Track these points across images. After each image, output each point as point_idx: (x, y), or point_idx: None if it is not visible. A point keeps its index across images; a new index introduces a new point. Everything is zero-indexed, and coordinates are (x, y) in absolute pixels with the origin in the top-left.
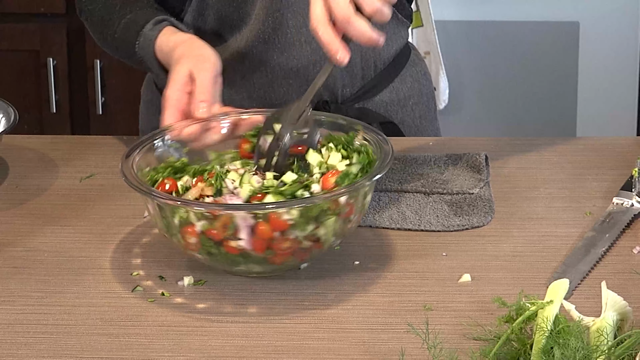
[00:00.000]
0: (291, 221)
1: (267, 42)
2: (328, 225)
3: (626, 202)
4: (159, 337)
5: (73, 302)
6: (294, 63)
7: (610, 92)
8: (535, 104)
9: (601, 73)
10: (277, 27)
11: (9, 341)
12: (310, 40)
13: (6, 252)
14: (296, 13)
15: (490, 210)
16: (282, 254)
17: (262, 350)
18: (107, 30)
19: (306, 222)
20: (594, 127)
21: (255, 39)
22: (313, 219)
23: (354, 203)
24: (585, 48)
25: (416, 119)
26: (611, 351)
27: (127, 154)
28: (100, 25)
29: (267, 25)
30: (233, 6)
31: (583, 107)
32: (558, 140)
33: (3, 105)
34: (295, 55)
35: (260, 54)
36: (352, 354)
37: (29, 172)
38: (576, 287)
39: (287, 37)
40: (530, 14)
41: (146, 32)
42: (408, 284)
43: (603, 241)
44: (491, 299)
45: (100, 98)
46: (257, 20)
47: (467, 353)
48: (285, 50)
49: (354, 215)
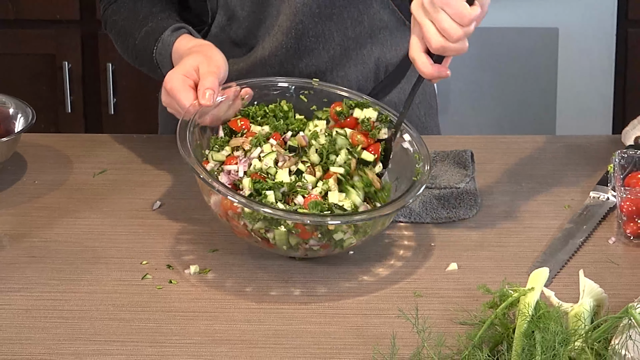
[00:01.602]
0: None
1: (288, 50)
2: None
3: (602, 196)
4: (167, 321)
5: (87, 289)
6: (313, 69)
7: (587, 94)
8: (518, 104)
9: (579, 76)
10: (299, 37)
11: (27, 325)
12: (328, 46)
13: (24, 243)
14: (317, 23)
15: (476, 204)
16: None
17: (263, 333)
18: (129, 39)
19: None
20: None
21: (278, 47)
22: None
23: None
24: (564, 52)
25: (421, 117)
26: (588, 335)
27: (180, 138)
28: (123, 35)
29: (290, 35)
30: (259, 19)
31: (562, 107)
32: (539, 139)
33: (21, 106)
34: (314, 62)
35: (282, 61)
36: (347, 338)
37: (46, 168)
38: (556, 275)
39: (307, 45)
40: (513, 21)
41: (165, 37)
42: (399, 272)
43: (581, 232)
44: (476, 286)
45: (112, 99)
46: (280, 30)
47: (454, 336)
48: (304, 57)
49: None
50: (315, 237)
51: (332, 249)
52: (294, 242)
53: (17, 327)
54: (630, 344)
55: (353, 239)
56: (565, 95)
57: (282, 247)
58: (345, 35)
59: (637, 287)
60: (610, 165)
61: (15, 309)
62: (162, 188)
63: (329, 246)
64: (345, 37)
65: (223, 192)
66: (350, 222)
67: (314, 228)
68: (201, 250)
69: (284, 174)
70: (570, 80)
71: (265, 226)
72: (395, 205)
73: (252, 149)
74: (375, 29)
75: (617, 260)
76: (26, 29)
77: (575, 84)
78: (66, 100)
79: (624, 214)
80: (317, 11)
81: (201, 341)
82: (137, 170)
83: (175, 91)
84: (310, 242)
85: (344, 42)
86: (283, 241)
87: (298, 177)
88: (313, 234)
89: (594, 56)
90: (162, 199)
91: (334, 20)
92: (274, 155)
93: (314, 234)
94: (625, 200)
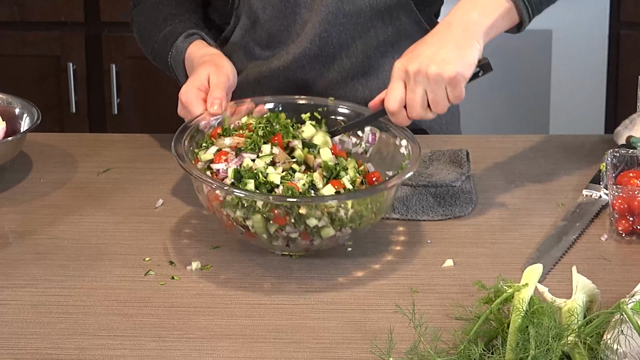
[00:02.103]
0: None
1: (312, 57)
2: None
3: (595, 194)
4: (169, 316)
5: (91, 285)
6: (334, 75)
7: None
8: (512, 104)
9: (572, 76)
10: (322, 45)
11: (32, 320)
12: (351, 54)
13: (30, 240)
14: (341, 32)
15: (471, 201)
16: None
17: (263, 328)
18: (149, 41)
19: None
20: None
21: (302, 54)
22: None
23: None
24: (557, 54)
25: (442, 125)
26: (581, 330)
27: (175, 139)
28: (145, 35)
29: (314, 43)
30: (283, 25)
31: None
32: (533, 138)
33: (27, 106)
34: (336, 68)
35: (304, 67)
36: (345, 332)
37: (51, 166)
38: (549, 271)
39: (330, 53)
40: None
41: (178, 44)
42: (396, 269)
43: (574, 230)
44: (472, 282)
45: (116, 99)
46: (305, 38)
47: (450, 331)
48: (327, 64)
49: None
50: (289, 222)
51: (312, 240)
52: (272, 229)
53: (23, 322)
54: (622, 338)
55: (330, 229)
56: (558, 95)
57: (262, 236)
58: (368, 45)
59: (629, 283)
60: (602, 164)
61: (21, 304)
62: (164, 187)
63: (307, 236)
64: (368, 47)
65: (198, 177)
66: (309, 203)
67: (285, 212)
68: (203, 247)
69: (275, 177)
70: (563, 81)
71: (244, 214)
72: (362, 193)
73: (246, 149)
74: (398, 39)
75: (609, 256)
76: (32, 31)
77: (569, 84)
78: (71, 100)
79: (616, 212)
80: (343, 21)
81: (202, 336)
82: (140, 169)
83: (189, 103)
84: (287, 229)
85: (366, 50)
86: (261, 228)
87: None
88: (286, 219)
89: (586, 57)
90: (165, 197)
91: (359, 30)
92: (270, 158)
93: (287, 219)
94: (617, 198)
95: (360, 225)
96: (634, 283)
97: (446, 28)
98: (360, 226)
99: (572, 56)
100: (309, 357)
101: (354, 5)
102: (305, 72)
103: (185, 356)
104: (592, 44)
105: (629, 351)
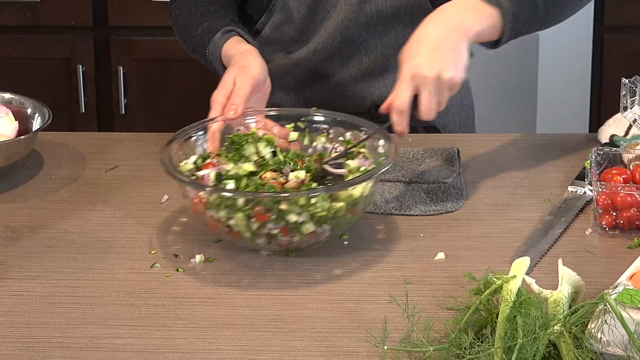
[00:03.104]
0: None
1: (331, 52)
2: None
3: (579, 190)
4: (174, 307)
5: (99, 277)
6: (353, 71)
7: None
8: (501, 105)
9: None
10: (342, 41)
11: (43, 310)
12: (370, 52)
13: (41, 234)
14: (360, 30)
15: (462, 197)
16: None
17: (263, 318)
18: (187, 35)
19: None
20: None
21: (321, 49)
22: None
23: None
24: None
25: (456, 126)
26: (567, 319)
27: (166, 143)
28: (183, 30)
29: (335, 39)
30: (313, 22)
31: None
32: (521, 137)
33: (38, 106)
34: (355, 65)
35: (323, 61)
36: (342, 322)
37: (61, 164)
38: (536, 264)
39: (349, 51)
40: None
41: (216, 39)
42: (390, 261)
43: (559, 224)
44: (462, 274)
45: (123, 100)
46: (327, 33)
47: (442, 321)
48: (346, 61)
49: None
50: (271, 219)
51: (293, 236)
52: (255, 227)
53: (35, 312)
54: (605, 327)
55: (310, 224)
56: (545, 96)
57: (245, 235)
58: (387, 45)
59: (612, 275)
60: (587, 162)
61: (33, 295)
62: (169, 183)
63: (288, 232)
64: (387, 47)
65: (178, 178)
66: (282, 198)
67: (266, 209)
68: (206, 240)
69: (250, 166)
70: (550, 82)
71: (227, 213)
72: (332, 188)
73: (228, 164)
74: None
75: (593, 250)
76: (43, 35)
77: (555, 85)
78: (80, 101)
79: (600, 207)
80: (363, 20)
81: (206, 325)
82: (146, 167)
83: (211, 109)
84: (268, 226)
85: (386, 51)
86: (244, 226)
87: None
88: (267, 215)
89: (572, 60)
90: (170, 193)
91: (379, 31)
92: (252, 167)
93: (268, 215)
94: (601, 194)
95: (338, 221)
96: (617, 275)
97: (443, 24)
98: (338, 222)
99: (558, 59)
100: (307, 346)
101: (375, 7)
102: (326, 66)
103: (189, 344)
104: (577, 47)
105: (612, 340)
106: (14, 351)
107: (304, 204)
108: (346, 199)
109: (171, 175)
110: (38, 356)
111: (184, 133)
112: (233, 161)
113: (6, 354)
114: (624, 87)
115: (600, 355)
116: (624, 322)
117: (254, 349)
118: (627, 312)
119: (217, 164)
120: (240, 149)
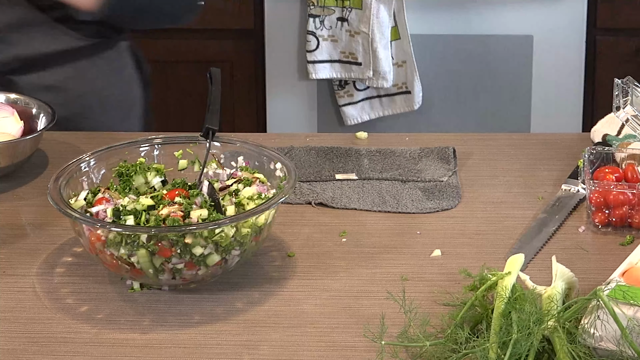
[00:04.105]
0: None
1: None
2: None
3: (573, 188)
4: (176, 303)
5: (104, 273)
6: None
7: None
8: (495, 104)
9: (552, 79)
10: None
11: (48, 307)
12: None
13: (46, 231)
14: None
15: (458, 195)
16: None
17: (264, 314)
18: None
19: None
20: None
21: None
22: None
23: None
24: (538, 57)
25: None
26: (560, 315)
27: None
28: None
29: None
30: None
31: (536, 107)
32: (515, 136)
33: (43, 106)
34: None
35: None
36: (340, 317)
37: (66, 162)
38: (530, 260)
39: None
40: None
41: None
42: (387, 258)
43: (553, 222)
44: (458, 271)
45: None
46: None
47: (438, 317)
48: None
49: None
50: (175, 253)
51: (198, 269)
52: (158, 262)
53: (39, 308)
54: (598, 323)
55: (216, 255)
56: (539, 96)
57: (148, 271)
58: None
59: (605, 271)
60: (580, 161)
61: (38, 291)
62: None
63: (193, 265)
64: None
65: (74, 216)
66: (187, 231)
67: (171, 244)
68: None
69: (148, 201)
70: (544, 83)
71: (128, 250)
72: (234, 218)
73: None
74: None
75: (586, 247)
76: None
77: (549, 86)
78: None
79: (593, 205)
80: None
81: (207, 321)
82: None
83: None
84: (173, 261)
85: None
86: (147, 263)
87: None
88: (172, 250)
89: (565, 61)
90: None
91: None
92: (150, 201)
93: (173, 250)
94: (594, 192)
95: (245, 249)
96: (610, 271)
97: None
98: (248, 249)
99: (551, 60)
100: (306, 341)
101: None
102: None
103: (191, 339)
104: (570, 49)
105: (605, 335)
106: (19, 346)
107: (207, 235)
108: (251, 226)
109: (67, 215)
110: (43, 351)
111: (67, 170)
112: (124, 194)
113: (12, 349)
114: (616, 88)
115: (593, 350)
116: (617, 317)
117: (254, 343)
118: (620, 307)
119: (109, 199)
120: (129, 181)
